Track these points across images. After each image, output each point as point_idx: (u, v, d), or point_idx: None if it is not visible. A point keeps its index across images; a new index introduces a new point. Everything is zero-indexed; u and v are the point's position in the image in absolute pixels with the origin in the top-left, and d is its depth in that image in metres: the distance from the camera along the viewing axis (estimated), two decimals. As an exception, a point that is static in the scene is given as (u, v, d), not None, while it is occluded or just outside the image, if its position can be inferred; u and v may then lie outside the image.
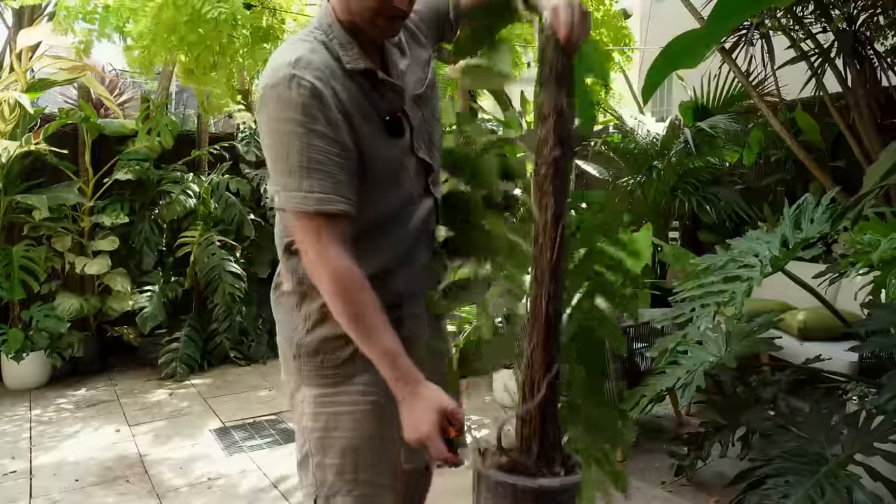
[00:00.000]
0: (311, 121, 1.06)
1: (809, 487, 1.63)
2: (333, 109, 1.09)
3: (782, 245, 2.03)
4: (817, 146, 4.57)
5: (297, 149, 1.06)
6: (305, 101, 1.06)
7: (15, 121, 4.10)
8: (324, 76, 1.09)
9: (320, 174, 1.07)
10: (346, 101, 1.12)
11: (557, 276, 1.03)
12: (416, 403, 1.08)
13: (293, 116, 1.06)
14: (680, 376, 2.24)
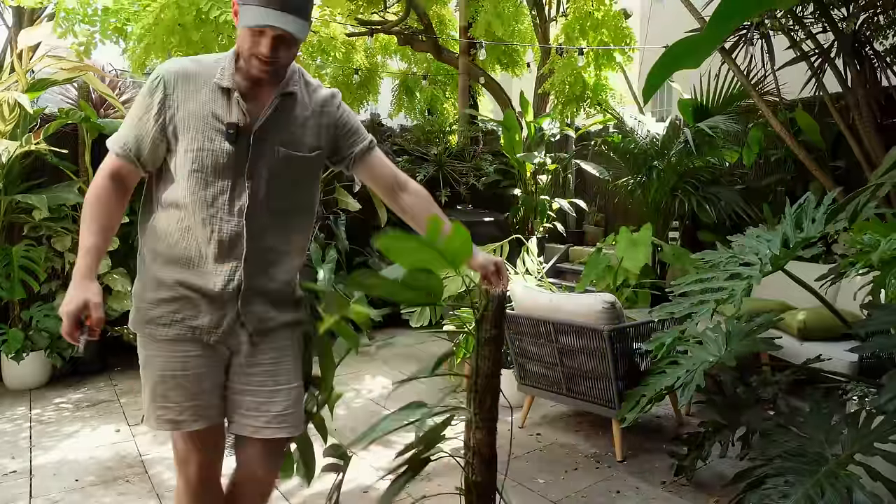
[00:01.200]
0: (144, 97, 1.56)
1: (809, 487, 1.63)
2: (162, 95, 1.54)
3: (783, 244, 2.03)
4: (817, 146, 4.57)
5: (130, 112, 1.59)
6: (148, 84, 1.56)
7: (15, 121, 4.10)
8: (180, 74, 1.55)
9: (126, 128, 1.59)
10: (188, 96, 1.54)
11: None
12: (75, 289, 1.50)
13: (140, 93, 1.59)
14: (679, 376, 2.24)
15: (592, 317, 3.01)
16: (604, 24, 5.74)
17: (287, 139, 1.59)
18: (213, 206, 1.54)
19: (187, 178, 1.54)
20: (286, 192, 1.62)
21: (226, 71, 1.54)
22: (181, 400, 1.58)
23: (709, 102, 5.17)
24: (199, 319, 1.58)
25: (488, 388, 1.38)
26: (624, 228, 5.00)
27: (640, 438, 3.26)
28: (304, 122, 1.62)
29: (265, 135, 1.56)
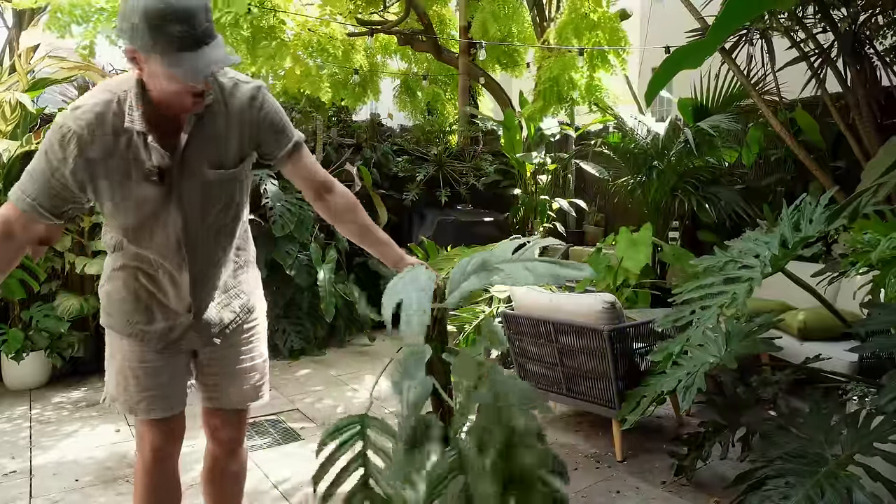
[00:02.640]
0: (49, 153, 1.45)
1: (809, 488, 1.63)
2: (71, 154, 1.43)
3: (781, 245, 2.03)
4: (817, 146, 4.57)
5: (35, 164, 1.49)
6: (58, 139, 1.44)
7: (16, 121, 4.10)
8: (89, 128, 1.43)
9: (33, 180, 1.49)
10: (104, 152, 1.45)
11: None
12: None
13: (47, 139, 1.47)
14: (680, 378, 2.24)
15: (592, 317, 3.01)
16: (599, 26, 5.74)
17: (212, 158, 1.55)
18: (152, 243, 1.57)
19: (120, 225, 1.56)
20: (219, 208, 1.62)
21: (134, 112, 1.43)
22: (138, 390, 1.70)
23: (709, 102, 5.17)
24: (154, 325, 1.68)
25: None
26: (624, 228, 5.00)
27: (640, 438, 3.26)
28: (225, 133, 1.56)
29: (189, 162, 1.52)
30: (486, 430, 1.00)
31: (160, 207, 1.53)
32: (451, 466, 1.01)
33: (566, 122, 6.84)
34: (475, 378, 1.06)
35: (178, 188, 1.53)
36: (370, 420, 1.16)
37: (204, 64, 1.34)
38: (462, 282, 1.17)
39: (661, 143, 5.25)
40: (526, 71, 8.22)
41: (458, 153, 6.42)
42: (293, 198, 5.10)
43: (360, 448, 1.12)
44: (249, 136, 1.60)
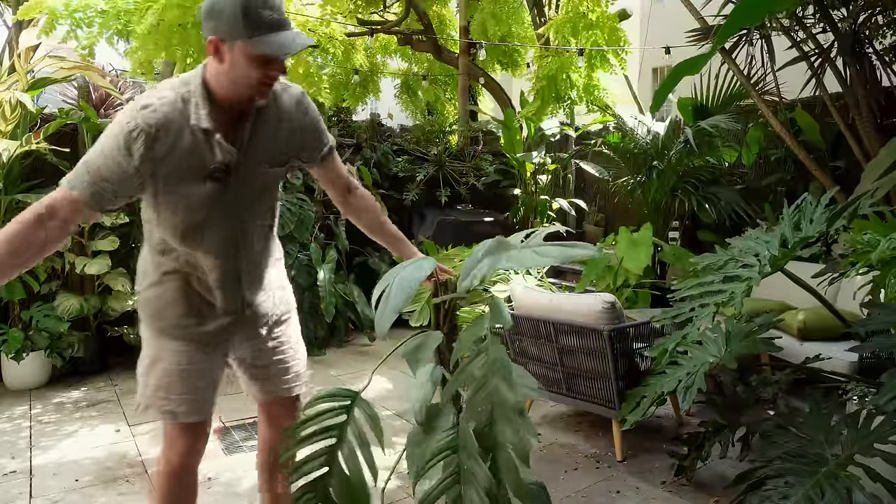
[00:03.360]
0: (113, 149, 1.46)
1: (809, 488, 1.63)
2: (139, 152, 1.44)
3: (782, 245, 2.03)
4: (817, 146, 4.57)
5: (96, 156, 1.48)
6: (124, 135, 1.45)
7: (16, 120, 4.10)
8: (157, 127, 1.46)
9: (93, 174, 1.48)
10: (170, 150, 1.48)
11: None
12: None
13: (111, 133, 1.48)
14: (680, 378, 2.24)
15: (592, 317, 3.01)
16: (597, 26, 5.74)
17: (266, 156, 1.63)
18: (205, 241, 1.61)
19: (177, 223, 1.58)
20: (266, 206, 1.72)
21: (200, 110, 1.49)
22: (182, 392, 1.68)
23: (709, 102, 5.17)
24: (205, 326, 1.70)
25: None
26: (624, 228, 5.00)
27: (640, 438, 3.26)
28: (276, 133, 1.64)
29: (248, 160, 1.59)
30: (473, 402, 1.07)
31: (218, 204, 1.58)
32: (447, 444, 1.08)
33: (566, 122, 6.83)
34: (473, 350, 1.12)
35: (237, 185, 1.59)
36: (361, 402, 1.19)
37: (290, 41, 1.44)
38: (474, 268, 1.20)
39: (661, 143, 5.25)
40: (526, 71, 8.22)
41: (458, 153, 6.42)
42: (293, 197, 5.09)
43: (343, 420, 1.17)
44: (295, 136, 1.68)
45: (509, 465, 1.02)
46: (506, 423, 1.04)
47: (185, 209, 1.55)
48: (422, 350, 1.20)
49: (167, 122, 1.47)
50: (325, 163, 1.78)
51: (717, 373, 2.61)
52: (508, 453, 1.03)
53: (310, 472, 1.15)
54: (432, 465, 1.07)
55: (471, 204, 6.19)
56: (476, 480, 1.02)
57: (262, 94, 1.52)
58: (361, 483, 1.14)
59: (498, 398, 1.06)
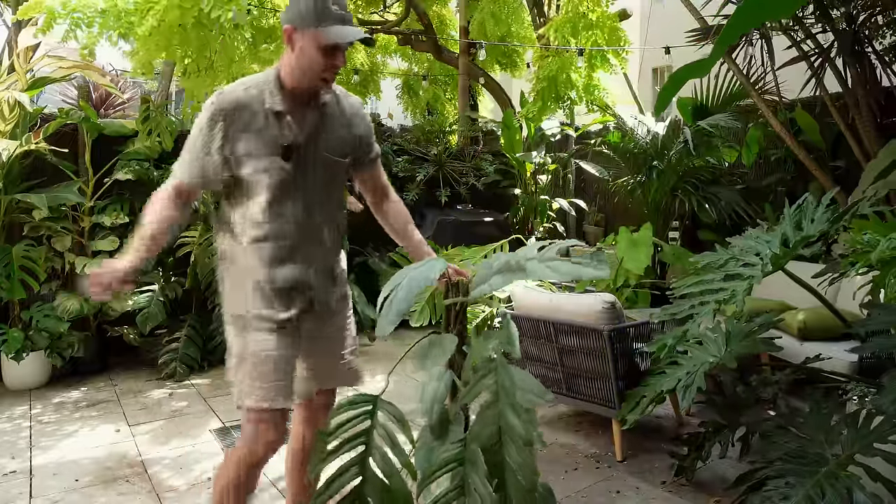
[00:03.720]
0: (203, 129, 1.73)
1: (809, 488, 1.63)
2: (221, 128, 1.72)
3: (783, 244, 2.03)
4: (817, 146, 4.57)
5: (190, 141, 1.77)
6: (207, 117, 1.73)
7: (15, 120, 4.10)
8: (239, 105, 1.72)
9: (190, 156, 1.76)
10: (247, 125, 1.73)
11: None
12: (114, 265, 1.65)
13: (198, 121, 1.76)
14: (680, 377, 2.24)
15: (592, 317, 3.01)
16: (597, 26, 5.73)
17: (327, 145, 1.84)
18: (279, 216, 1.78)
19: (255, 196, 1.76)
20: (331, 192, 1.88)
21: (274, 96, 1.75)
22: (275, 379, 1.79)
23: (709, 102, 5.17)
24: (290, 311, 1.83)
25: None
26: (624, 228, 5.00)
27: (640, 438, 3.26)
28: (338, 129, 1.87)
29: (311, 144, 1.80)
30: (482, 419, 1.10)
31: (288, 186, 1.77)
32: (455, 456, 1.09)
33: (566, 121, 6.83)
34: (483, 371, 1.12)
35: (304, 168, 1.79)
36: (383, 403, 1.19)
37: (351, 32, 1.68)
38: (488, 279, 1.23)
39: (660, 142, 5.24)
40: (526, 71, 8.22)
41: (458, 153, 6.42)
42: (293, 198, 5.10)
43: (367, 426, 1.17)
44: (352, 137, 1.91)
45: (517, 487, 1.03)
46: (511, 445, 1.06)
47: (260, 186, 1.74)
48: (438, 352, 1.21)
49: (242, 105, 1.72)
50: (370, 168, 1.99)
51: (717, 373, 2.61)
52: (515, 475, 1.05)
53: (343, 485, 1.14)
54: (439, 476, 1.08)
55: (471, 204, 6.19)
56: (479, 498, 1.03)
57: (326, 81, 1.74)
58: (399, 485, 1.13)
59: (505, 423, 1.08)
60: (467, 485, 1.05)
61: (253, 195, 1.77)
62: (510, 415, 1.08)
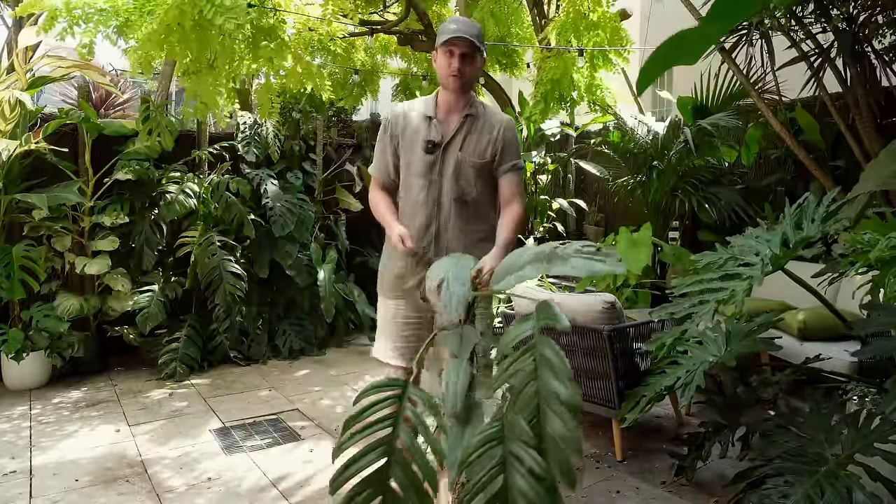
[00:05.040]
0: (381, 134, 2.37)
1: (809, 488, 1.63)
2: (390, 131, 2.34)
3: (783, 244, 2.03)
4: (817, 146, 4.56)
5: (376, 146, 2.41)
6: (384, 125, 2.37)
7: (15, 120, 4.10)
8: (402, 113, 2.34)
9: (376, 158, 2.39)
10: (403, 125, 2.32)
11: None
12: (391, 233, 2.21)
13: (381, 126, 2.39)
14: (680, 376, 2.24)
15: (592, 317, 3.01)
16: (599, 27, 5.72)
17: (465, 147, 2.26)
18: (417, 198, 2.26)
19: (404, 179, 2.31)
20: (465, 188, 2.26)
21: (429, 105, 2.29)
22: (393, 340, 2.29)
23: (709, 101, 5.17)
24: (408, 282, 2.25)
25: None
26: (624, 228, 5.00)
27: (640, 438, 3.26)
28: (476, 137, 2.28)
29: (451, 147, 2.26)
30: (521, 397, 1.11)
31: (428, 172, 2.25)
32: (492, 436, 1.10)
33: (566, 121, 6.83)
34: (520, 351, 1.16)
35: (442, 162, 2.26)
36: (413, 389, 1.20)
37: (455, 34, 2.16)
38: (514, 271, 1.27)
39: (661, 142, 5.24)
40: (526, 71, 8.22)
41: (458, 153, 6.41)
42: (293, 197, 5.10)
43: (394, 409, 1.17)
44: (490, 146, 2.28)
45: (562, 459, 1.03)
46: (554, 416, 1.06)
47: (409, 170, 2.28)
48: (462, 342, 1.25)
49: (403, 112, 2.33)
50: (502, 177, 2.31)
51: (718, 373, 2.60)
52: (556, 441, 1.04)
53: (366, 465, 1.13)
54: (479, 455, 1.08)
55: (471, 204, 6.17)
56: (523, 466, 1.03)
57: (451, 84, 2.21)
58: (425, 466, 1.13)
59: (546, 392, 1.08)
60: (509, 459, 1.05)
61: (404, 172, 2.34)
62: (553, 382, 1.08)
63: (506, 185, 2.31)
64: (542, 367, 1.10)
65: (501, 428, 1.09)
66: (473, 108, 2.28)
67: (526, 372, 1.12)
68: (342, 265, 5.60)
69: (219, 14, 3.45)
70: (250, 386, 4.19)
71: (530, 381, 1.10)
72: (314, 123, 5.61)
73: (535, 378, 1.10)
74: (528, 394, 1.10)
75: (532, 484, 1.02)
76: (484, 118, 2.30)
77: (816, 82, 4.13)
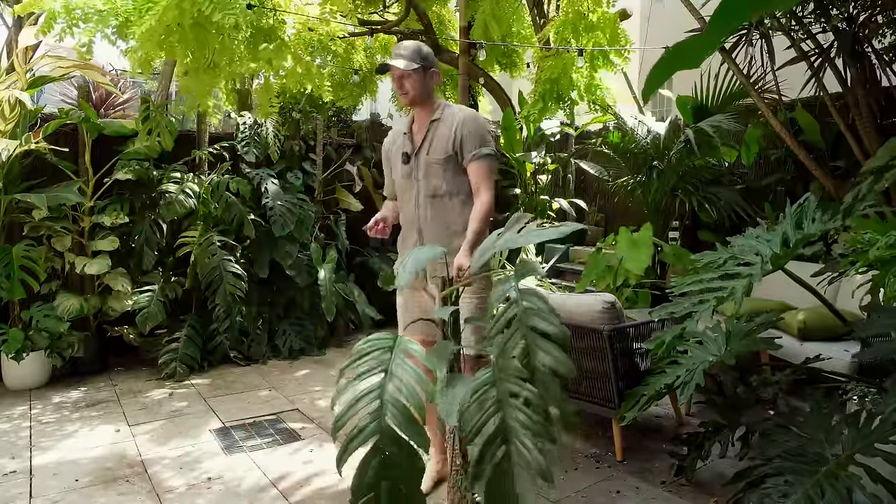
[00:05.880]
0: (383, 158, 2.80)
1: (809, 487, 1.62)
2: (384, 153, 2.76)
3: (783, 243, 2.03)
4: (817, 146, 4.56)
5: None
6: (383, 149, 2.79)
7: (15, 120, 4.10)
8: (391, 138, 2.75)
9: (385, 178, 2.82)
10: (391, 146, 2.72)
11: None
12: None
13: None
14: (679, 375, 2.24)
15: (592, 317, 3.01)
16: (598, 27, 5.72)
17: (432, 151, 2.52)
18: (404, 203, 2.63)
19: (397, 190, 2.68)
20: (436, 185, 2.52)
21: (406, 123, 2.64)
22: (403, 321, 2.68)
23: (708, 101, 5.16)
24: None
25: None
26: (624, 228, 5.00)
27: (640, 438, 3.26)
28: (440, 137, 2.52)
29: (420, 152, 2.55)
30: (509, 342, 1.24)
31: (406, 177, 2.59)
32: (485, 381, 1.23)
33: (566, 121, 6.82)
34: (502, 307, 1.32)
35: (416, 165, 2.56)
36: (402, 340, 1.35)
37: (390, 68, 2.51)
38: (490, 248, 1.47)
39: (661, 143, 5.24)
40: (525, 71, 8.22)
41: (458, 153, 6.40)
42: (293, 197, 5.09)
43: (387, 357, 1.30)
44: (452, 140, 2.50)
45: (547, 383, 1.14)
46: (542, 352, 1.17)
47: (397, 180, 2.64)
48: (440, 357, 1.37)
49: (391, 136, 2.74)
50: (468, 167, 2.50)
51: (718, 372, 2.60)
52: (547, 374, 1.14)
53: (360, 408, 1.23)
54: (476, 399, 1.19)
55: (471, 204, 6.17)
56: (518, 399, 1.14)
57: (403, 102, 2.58)
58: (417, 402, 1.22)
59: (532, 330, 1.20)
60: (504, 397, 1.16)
61: (392, 180, 2.76)
62: (539, 321, 1.20)
63: (472, 174, 2.51)
64: (526, 313, 1.24)
65: (494, 372, 1.21)
66: (438, 113, 2.54)
67: (511, 317, 1.26)
68: (342, 265, 5.60)
69: (217, 10, 3.45)
70: (250, 386, 4.19)
71: (517, 327, 1.23)
72: (314, 123, 5.61)
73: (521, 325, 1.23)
74: (516, 338, 1.22)
75: (528, 413, 1.13)
76: (445, 119, 2.52)
77: (816, 82, 4.13)
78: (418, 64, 2.46)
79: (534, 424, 1.11)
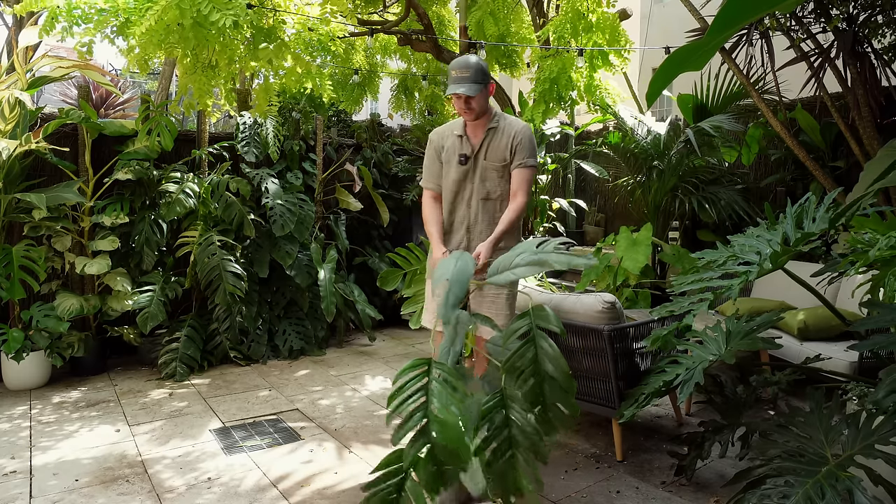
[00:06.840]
0: (428, 150, 2.87)
1: (809, 488, 1.62)
2: (435, 146, 2.84)
3: (783, 242, 2.03)
4: (817, 146, 4.57)
5: (424, 161, 2.90)
6: (430, 141, 2.87)
7: (15, 120, 4.10)
8: (441, 134, 2.84)
9: (426, 169, 2.87)
10: (443, 144, 2.82)
11: None
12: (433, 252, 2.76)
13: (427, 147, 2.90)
14: (679, 373, 2.24)
15: (592, 317, 3.01)
16: (597, 27, 5.73)
17: (490, 156, 2.72)
18: (455, 200, 2.78)
19: (444, 187, 2.80)
20: (490, 188, 2.74)
21: (461, 126, 2.75)
22: (431, 310, 2.82)
23: (709, 101, 5.17)
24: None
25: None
26: (624, 228, 5.00)
27: (640, 438, 3.26)
28: (499, 145, 2.72)
29: (478, 156, 2.73)
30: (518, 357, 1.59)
31: (463, 179, 2.76)
32: (497, 403, 1.54)
33: (566, 121, 6.83)
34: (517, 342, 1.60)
35: (473, 167, 2.74)
36: (437, 364, 1.52)
37: (454, 87, 2.64)
38: (508, 268, 1.64)
39: (661, 143, 5.24)
40: (526, 71, 8.22)
41: (458, 153, 6.40)
42: (293, 197, 5.09)
43: (425, 381, 1.50)
44: (506, 149, 2.71)
45: (554, 391, 1.63)
46: (548, 362, 1.60)
47: (448, 179, 2.77)
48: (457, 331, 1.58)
49: (443, 132, 2.83)
50: (513, 173, 2.71)
51: (718, 373, 2.60)
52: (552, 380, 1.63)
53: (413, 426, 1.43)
54: (487, 418, 1.52)
55: (471, 204, 6.17)
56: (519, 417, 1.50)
57: (467, 118, 2.72)
58: (454, 420, 1.42)
59: (542, 374, 1.59)
60: (507, 401, 1.53)
61: (446, 180, 2.83)
62: (550, 367, 1.62)
63: (514, 178, 2.72)
64: (537, 334, 1.59)
65: (502, 398, 1.56)
66: (494, 122, 2.73)
67: (527, 358, 1.59)
68: (342, 265, 5.60)
69: (215, 10, 3.45)
70: (250, 386, 4.19)
71: (530, 365, 1.59)
72: (314, 123, 5.61)
73: (534, 362, 1.60)
74: (528, 355, 1.60)
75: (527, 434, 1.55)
76: (503, 128, 2.72)
77: (816, 82, 4.13)
78: (482, 83, 2.63)
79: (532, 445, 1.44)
